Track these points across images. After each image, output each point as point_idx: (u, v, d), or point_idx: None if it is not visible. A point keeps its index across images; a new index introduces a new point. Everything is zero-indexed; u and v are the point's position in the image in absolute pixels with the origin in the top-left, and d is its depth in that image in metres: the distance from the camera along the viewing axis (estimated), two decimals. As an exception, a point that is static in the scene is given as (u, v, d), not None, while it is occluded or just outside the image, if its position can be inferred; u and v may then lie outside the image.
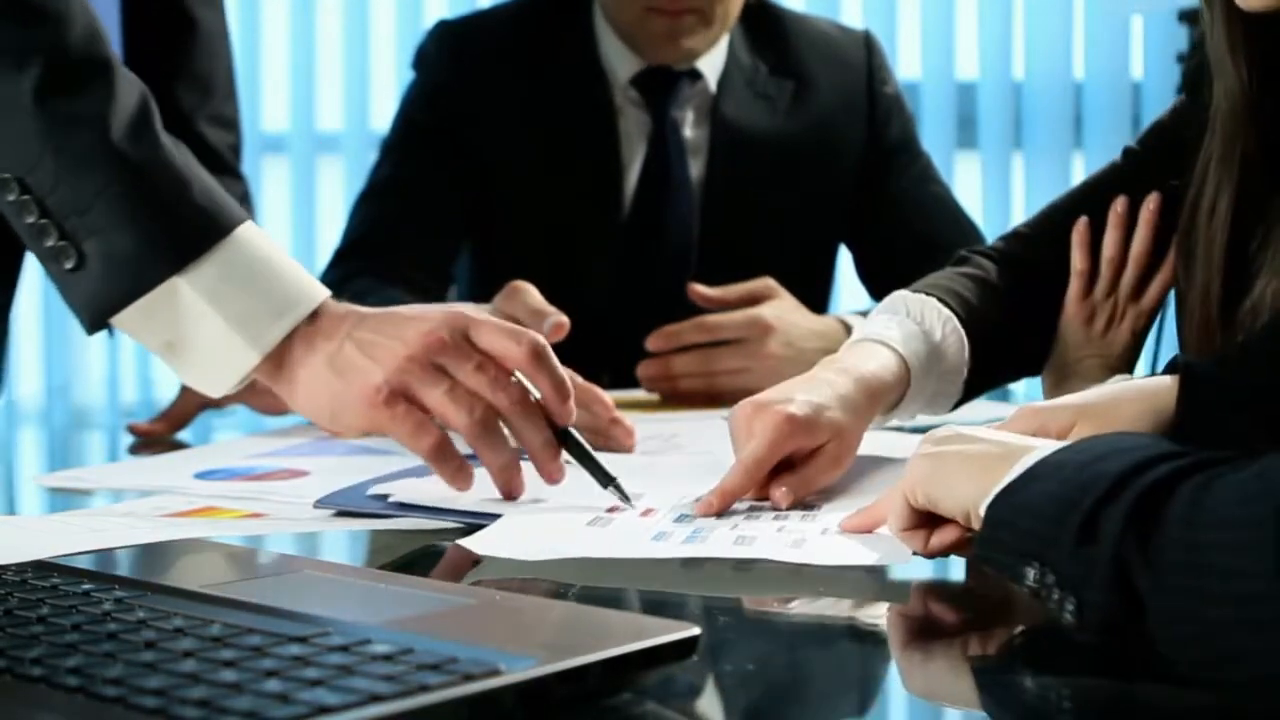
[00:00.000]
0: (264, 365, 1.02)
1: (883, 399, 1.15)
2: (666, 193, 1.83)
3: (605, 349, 1.65)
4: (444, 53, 1.87)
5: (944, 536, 0.87)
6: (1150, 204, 1.29)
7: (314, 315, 1.03)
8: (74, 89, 1.01)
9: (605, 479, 1.04)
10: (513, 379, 1.03)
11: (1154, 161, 1.29)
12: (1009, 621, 0.83)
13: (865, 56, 1.92)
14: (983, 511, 0.77)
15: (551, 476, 1.04)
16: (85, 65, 1.02)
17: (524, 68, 1.84)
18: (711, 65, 1.85)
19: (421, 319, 1.02)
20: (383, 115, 3.14)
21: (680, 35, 1.78)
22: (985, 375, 1.26)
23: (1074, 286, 1.31)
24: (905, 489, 0.87)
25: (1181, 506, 0.66)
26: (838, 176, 1.89)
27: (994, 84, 2.92)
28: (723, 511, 1.01)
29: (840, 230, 1.93)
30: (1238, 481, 0.66)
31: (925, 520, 0.87)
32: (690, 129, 1.84)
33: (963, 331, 1.22)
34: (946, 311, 1.22)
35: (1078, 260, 1.31)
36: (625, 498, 1.04)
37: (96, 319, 1.01)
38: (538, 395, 1.04)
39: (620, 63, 1.82)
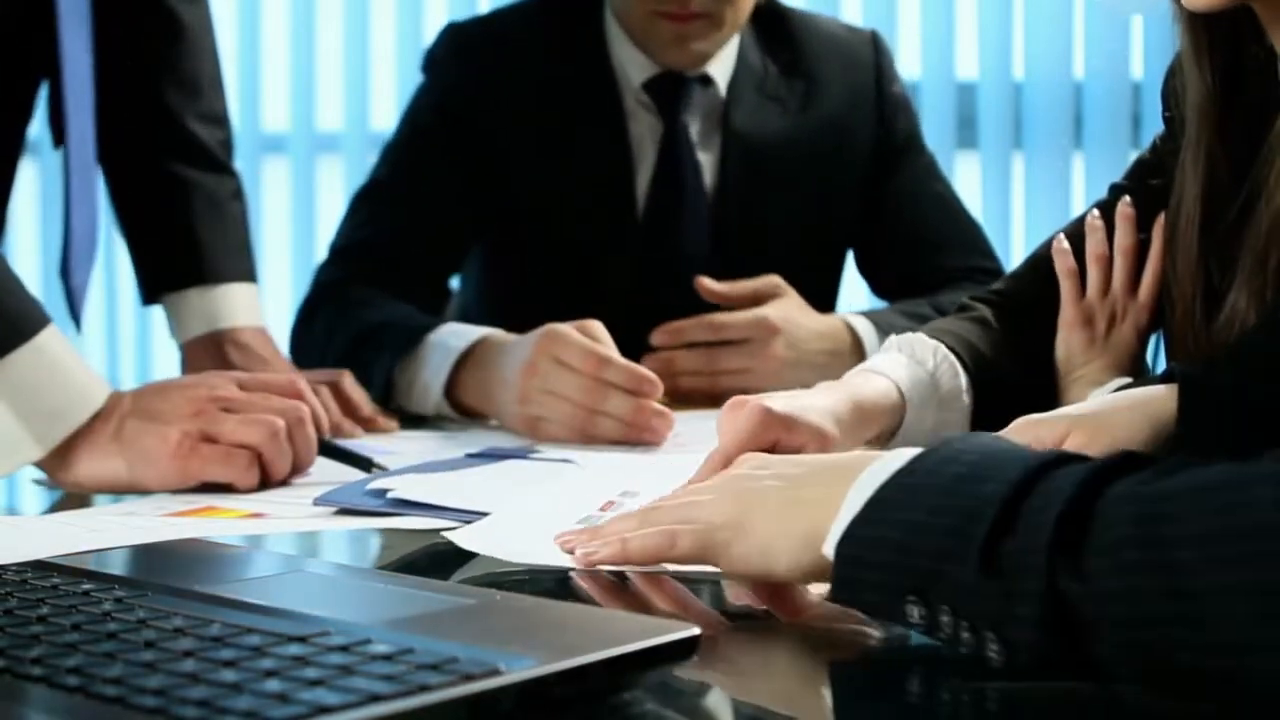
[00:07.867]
0: (46, 457, 1.14)
1: (876, 421, 1.16)
2: (678, 198, 1.80)
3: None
4: (454, 55, 1.83)
5: None
6: (1123, 205, 1.29)
7: (95, 414, 1.15)
8: None
9: (366, 466, 1.20)
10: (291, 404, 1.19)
11: (1141, 193, 1.29)
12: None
13: (873, 56, 1.90)
14: (830, 552, 0.73)
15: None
16: None
17: (535, 70, 1.80)
18: (722, 70, 1.82)
19: (196, 383, 1.18)
20: (383, 115, 3.14)
21: (689, 40, 1.75)
22: (994, 413, 1.25)
23: (1065, 290, 1.29)
24: (701, 553, 0.82)
25: (1123, 527, 0.64)
26: (848, 176, 1.87)
27: (994, 84, 2.91)
28: None
29: (850, 230, 1.90)
30: (1208, 490, 0.63)
31: None
32: (701, 134, 1.82)
33: (955, 360, 1.23)
34: (934, 343, 1.23)
35: (1062, 265, 1.30)
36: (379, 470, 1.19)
37: None
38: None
39: (632, 66, 1.80)
